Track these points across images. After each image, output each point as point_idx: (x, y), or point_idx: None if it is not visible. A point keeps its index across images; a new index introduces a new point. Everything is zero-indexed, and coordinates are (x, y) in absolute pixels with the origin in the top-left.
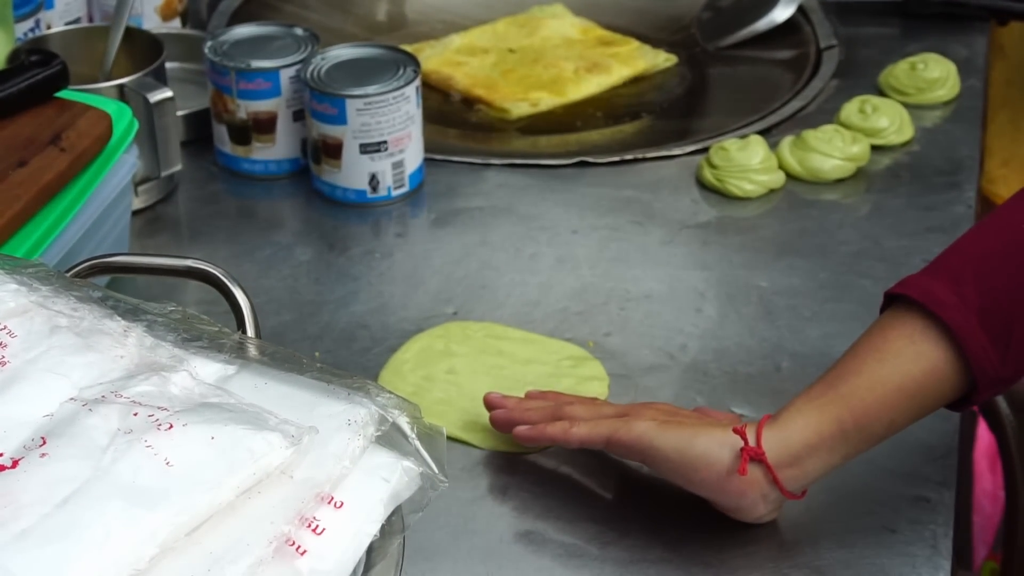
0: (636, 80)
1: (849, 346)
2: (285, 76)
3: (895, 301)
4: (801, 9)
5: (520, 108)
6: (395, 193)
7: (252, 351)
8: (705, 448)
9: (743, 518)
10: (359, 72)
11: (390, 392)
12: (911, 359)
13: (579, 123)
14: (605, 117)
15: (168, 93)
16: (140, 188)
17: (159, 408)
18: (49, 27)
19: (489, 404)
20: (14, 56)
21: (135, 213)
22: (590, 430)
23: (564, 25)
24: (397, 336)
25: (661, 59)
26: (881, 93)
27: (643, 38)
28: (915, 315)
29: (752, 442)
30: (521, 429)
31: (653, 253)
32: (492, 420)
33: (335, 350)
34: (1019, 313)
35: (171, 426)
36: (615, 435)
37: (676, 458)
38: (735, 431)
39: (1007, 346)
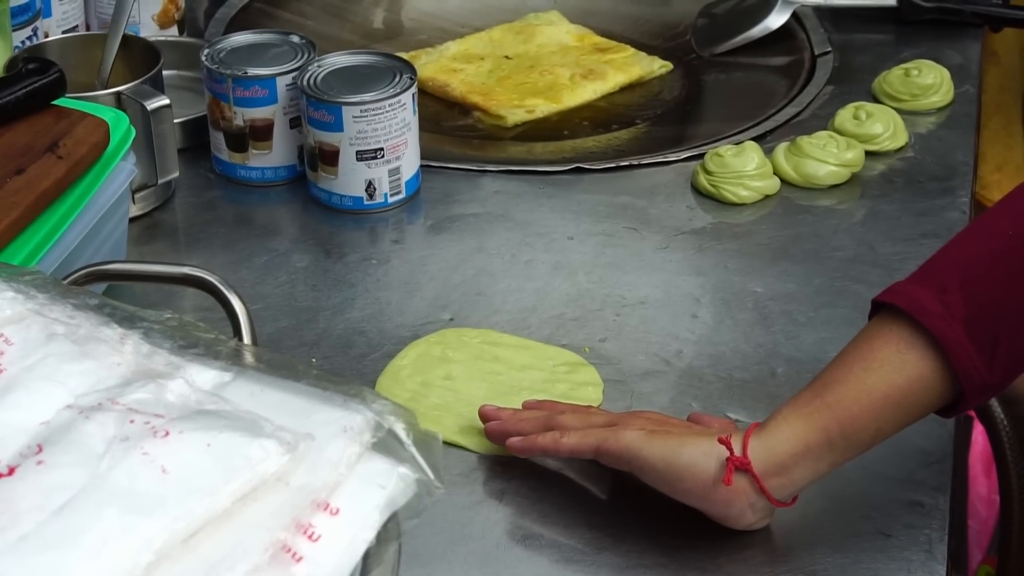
0: (632, 87)
1: (838, 352)
2: (282, 83)
3: (882, 308)
4: (795, 16)
5: (516, 115)
6: (391, 200)
7: (248, 358)
8: (691, 458)
9: (733, 526)
10: (356, 79)
11: (386, 399)
12: (897, 368)
13: (575, 130)
14: (601, 124)
15: (165, 100)
16: (137, 195)
17: (155, 415)
18: (47, 35)
19: (484, 416)
20: (11, 64)
21: (132, 220)
22: (579, 440)
23: (560, 32)
24: (394, 342)
25: (656, 66)
26: (875, 99)
27: (638, 45)
28: (901, 324)
29: (738, 451)
30: (513, 441)
31: (648, 259)
32: (487, 432)
33: (332, 356)
34: (1006, 320)
35: (167, 433)
36: (603, 445)
37: (662, 468)
38: (720, 441)
39: (993, 354)
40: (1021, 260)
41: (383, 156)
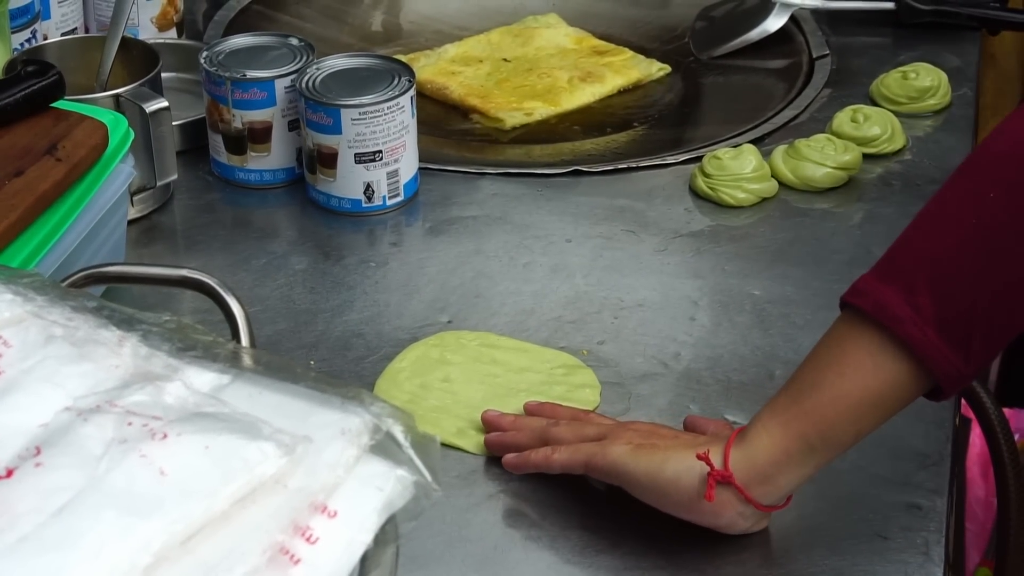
0: (630, 89)
1: (811, 351)
2: (280, 86)
3: (851, 306)
4: (793, 19)
5: (514, 117)
6: (390, 202)
7: (246, 360)
8: (675, 472)
9: (728, 532)
10: (354, 82)
11: (384, 401)
12: (871, 372)
13: (573, 132)
14: (599, 126)
15: (164, 103)
16: (136, 198)
17: (153, 418)
18: (46, 37)
19: (486, 423)
20: (10, 66)
21: (131, 222)
22: (569, 457)
23: (558, 35)
24: (392, 344)
25: (655, 69)
26: (873, 102)
27: (637, 48)
28: (871, 328)
29: (719, 463)
30: (508, 458)
31: (646, 262)
32: (487, 443)
33: (330, 359)
34: (976, 313)
35: (165, 435)
36: (591, 461)
37: (648, 483)
38: (699, 457)
39: (968, 348)
40: (986, 250)
41: (381, 159)
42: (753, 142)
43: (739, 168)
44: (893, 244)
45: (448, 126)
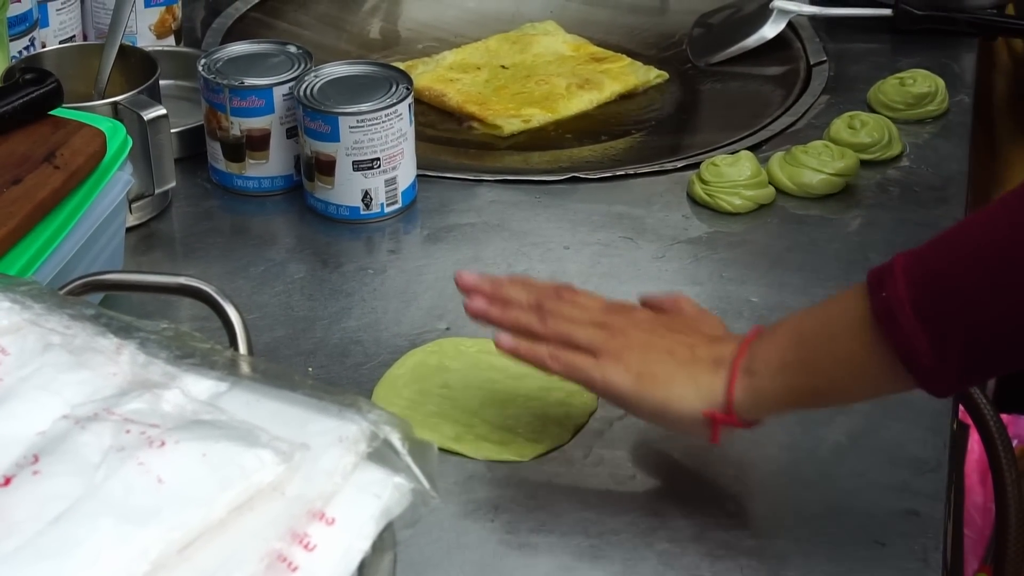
0: (627, 96)
1: (831, 318)
2: (278, 93)
3: (878, 313)
4: (791, 25)
5: (512, 124)
6: (388, 210)
7: (244, 368)
8: (678, 413)
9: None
10: (352, 89)
11: (381, 408)
12: (886, 385)
13: (571, 139)
14: (597, 133)
15: (162, 110)
16: (134, 205)
17: (151, 425)
18: (44, 45)
19: (462, 287)
20: (9, 74)
21: (129, 230)
22: (567, 372)
23: (556, 42)
24: (390, 351)
25: (652, 75)
26: (870, 109)
27: (634, 55)
28: (896, 357)
29: (722, 403)
30: (504, 340)
31: (644, 268)
32: (467, 308)
33: (328, 365)
34: (1001, 366)
35: (163, 443)
36: (590, 383)
37: (652, 416)
38: (705, 414)
39: (983, 385)
40: None
41: (379, 166)
42: (750, 149)
43: (736, 175)
44: (933, 262)
45: (446, 133)
